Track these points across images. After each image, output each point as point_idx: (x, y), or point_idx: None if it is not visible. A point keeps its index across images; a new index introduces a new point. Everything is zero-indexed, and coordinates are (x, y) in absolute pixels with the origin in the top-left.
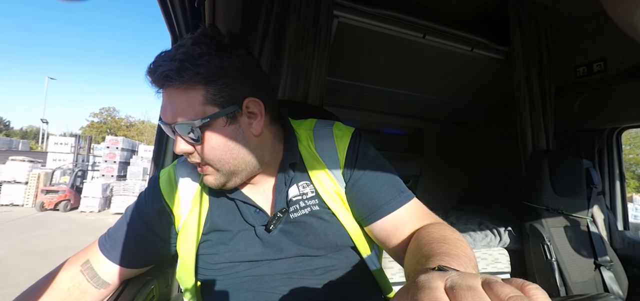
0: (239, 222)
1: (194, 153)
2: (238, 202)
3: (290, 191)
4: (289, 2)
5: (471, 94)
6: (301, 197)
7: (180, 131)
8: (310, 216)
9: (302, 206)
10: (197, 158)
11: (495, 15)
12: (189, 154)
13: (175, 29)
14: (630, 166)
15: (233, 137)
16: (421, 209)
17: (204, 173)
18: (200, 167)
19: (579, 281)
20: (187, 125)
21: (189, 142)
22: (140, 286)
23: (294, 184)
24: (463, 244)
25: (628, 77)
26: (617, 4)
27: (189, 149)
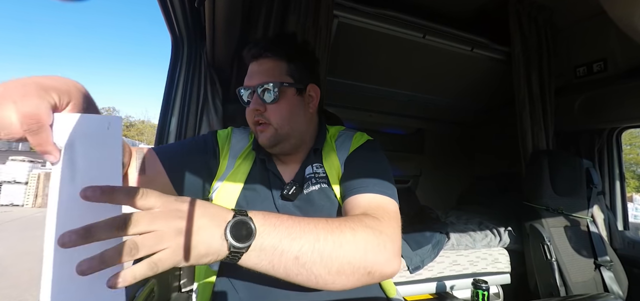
0: (266, 192)
1: (262, 112)
2: (271, 174)
3: (306, 169)
4: (289, 2)
5: (471, 94)
6: (314, 174)
7: (260, 91)
8: (319, 192)
9: (314, 182)
10: (262, 117)
11: (495, 15)
12: (258, 113)
13: (175, 29)
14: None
15: (296, 106)
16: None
17: (262, 131)
18: (261, 125)
19: (579, 281)
20: (270, 84)
21: (264, 102)
22: (140, 286)
23: (310, 164)
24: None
25: (628, 77)
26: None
27: (261, 107)
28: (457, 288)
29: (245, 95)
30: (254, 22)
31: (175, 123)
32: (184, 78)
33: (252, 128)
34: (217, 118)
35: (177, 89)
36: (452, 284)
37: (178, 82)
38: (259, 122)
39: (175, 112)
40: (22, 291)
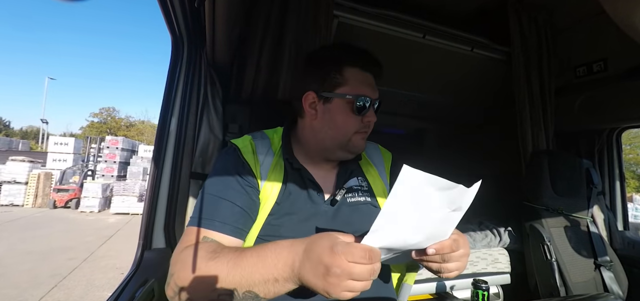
0: (304, 201)
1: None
2: (308, 182)
3: (350, 181)
4: (289, 2)
5: (471, 94)
6: (359, 187)
7: (376, 104)
8: (364, 204)
9: (359, 194)
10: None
11: (495, 15)
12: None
13: (175, 29)
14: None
15: None
16: None
17: (364, 139)
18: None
19: (579, 281)
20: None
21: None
22: (140, 286)
23: (354, 176)
24: None
25: (628, 77)
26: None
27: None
28: (457, 288)
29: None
30: (254, 22)
31: (175, 123)
32: (184, 78)
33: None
34: (217, 118)
35: (177, 89)
36: (452, 284)
37: (178, 82)
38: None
39: (175, 112)
40: (22, 291)
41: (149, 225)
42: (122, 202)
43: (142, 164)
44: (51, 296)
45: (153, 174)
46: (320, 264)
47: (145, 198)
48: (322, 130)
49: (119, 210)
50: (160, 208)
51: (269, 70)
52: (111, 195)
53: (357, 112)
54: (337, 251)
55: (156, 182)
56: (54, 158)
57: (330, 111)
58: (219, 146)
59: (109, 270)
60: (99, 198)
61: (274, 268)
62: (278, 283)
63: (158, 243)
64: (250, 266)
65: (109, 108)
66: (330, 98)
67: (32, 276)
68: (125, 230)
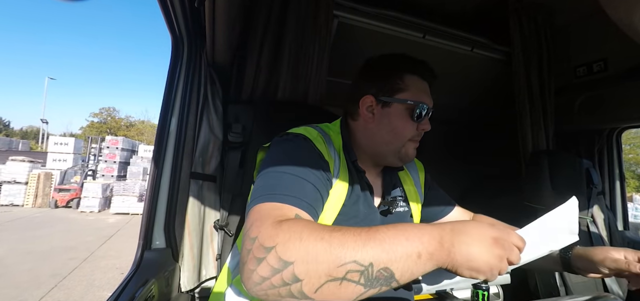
0: (365, 205)
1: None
2: (365, 185)
3: (395, 191)
4: (289, 2)
5: (471, 94)
6: (401, 197)
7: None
8: (403, 214)
9: (401, 205)
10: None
11: (495, 15)
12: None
13: (175, 29)
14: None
15: None
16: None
17: (416, 147)
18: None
19: (579, 282)
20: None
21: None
22: (140, 286)
23: (397, 187)
24: None
25: (628, 77)
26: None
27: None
28: (457, 288)
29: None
30: (254, 22)
31: (175, 123)
32: (184, 78)
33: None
34: (217, 118)
35: (177, 89)
36: None
37: (178, 82)
38: (418, 139)
39: (175, 112)
40: (22, 291)
41: (149, 225)
42: (122, 202)
43: (142, 164)
44: (51, 296)
45: (153, 174)
46: (487, 236)
47: (145, 198)
48: (378, 133)
49: (119, 210)
50: (160, 208)
51: (269, 70)
52: (111, 195)
53: (415, 119)
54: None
55: (156, 182)
56: (54, 158)
57: (389, 115)
58: (219, 146)
59: (109, 270)
60: (99, 198)
61: (419, 242)
62: (420, 259)
63: (158, 243)
64: (389, 239)
65: (109, 108)
66: (390, 103)
67: (32, 276)
68: (125, 230)
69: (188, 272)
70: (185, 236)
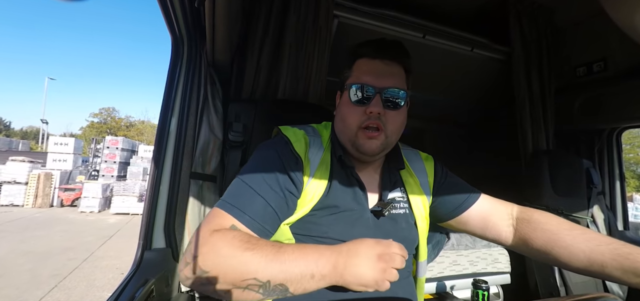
0: (351, 201)
1: (380, 115)
2: (354, 181)
3: (394, 191)
4: (289, 2)
5: (471, 94)
6: (401, 199)
7: (388, 94)
8: (402, 216)
9: (399, 207)
10: (377, 121)
11: (495, 15)
12: (376, 115)
13: (175, 29)
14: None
15: (405, 117)
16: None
17: (372, 137)
18: (372, 130)
19: (579, 282)
20: (400, 92)
21: (386, 106)
22: (140, 286)
23: (398, 187)
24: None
25: (628, 77)
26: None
27: (382, 111)
28: (457, 288)
29: (359, 94)
30: (254, 22)
31: (175, 123)
32: (184, 78)
33: (351, 130)
34: (217, 118)
35: (177, 89)
36: (452, 284)
37: (178, 82)
38: (371, 126)
39: (175, 112)
40: (22, 292)
41: (149, 225)
42: (122, 202)
43: (142, 164)
44: (51, 297)
45: (153, 174)
46: (372, 254)
47: (145, 198)
48: (337, 124)
49: (119, 210)
50: (160, 208)
51: (269, 70)
52: (111, 195)
53: (357, 103)
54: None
55: (156, 182)
56: (54, 158)
57: (340, 104)
58: (219, 146)
59: (109, 270)
60: (99, 199)
61: (314, 264)
62: (313, 279)
63: (158, 243)
64: (290, 261)
65: (109, 108)
66: (343, 92)
67: (32, 277)
68: (125, 230)
69: None
70: (185, 236)
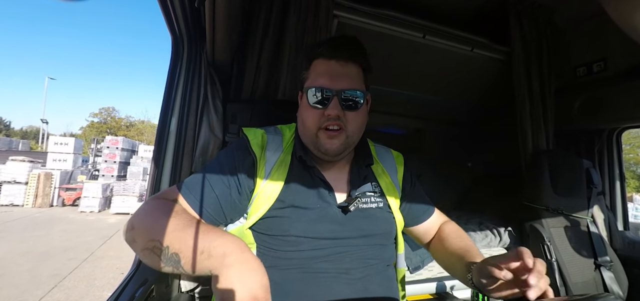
0: (314, 199)
1: (339, 117)
2: (317, 181)
3: (364, 186)
4: (289, 2)
5: (471, 94)
6: (373, 193)
7: (344, 96)
8: (376, 209)
9: (372, 200)
10: (337, 122)
11: (495, 15)
12: (335, 116)
13: (175, 29)
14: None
15: (364, 116)
16: (439, 213)
17: (333, 137)
18: (332, 131)
19: (579, 282)
20: (358, 92)
21: (344, 108)
22: (140, 286)
23: (368, 182)
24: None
25: (628, 77)
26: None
27: (340, 113)
28: (457, 288)
29: (317, 96)
30: (254, 22)
31: (175, 123)
32: (184, 78)
33: (311, 131)
34: (217, 118)
35: (177, 89)
36: (452, 284)
37: (178, 82)
38: (331, 127)
39: (175, 112)
40: (22, 291)
41: None
42: (122, 202)
43: (142, 164)
44: (51, 297)
45: (153, 174)
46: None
47: (145, 198)
48: (299, 127)
49: (119, 210)
50: None
51: (269, 70)
52: (111, 195)
53: (315, 105)
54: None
55: (156, 181)
56: (54, 158)
57: (300, 107)
58: (219, 146)
59: (109, 270)
60: (99, 198)
61: (208, 242)
62: (202, 255)
63: None
64: (192, 234)
65: (108, 108)
66: (302, 95)
67: (32, 277)
68: None
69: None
70: None
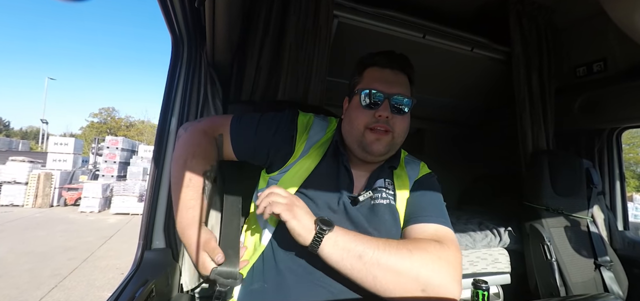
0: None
1: (388, 119)
2: (343, 169)
3: (378, 181)
4: (289, 2)
5: (471, 94)
6: (385, 188)
7: (395, 100)
8: (386, 207)
9: (383, 197)
10: (385, 124)
11: (495, 15)
12: (384, 118)
13: (175, 29)
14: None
15: (409, 121)
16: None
17: (381, 138)
18: (380, 133)
19: (579, 281)
20: (406, 98)
21: (393, 112)
22: (140, 286)
23: (383, 178)
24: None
25: (628, 77)
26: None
27: (390, 115)
28: None
29: (369, 98)
30: (254, 22)
31: (175, 123)
32: (184, 78)
33: (359, 130)
34: None
35: (177, 89)
36: None
37: (178, 82)
38: (379, 128)
39: (175, 112)
40: (22, 291)
41: (149, 225)
42: (122, 202)
43: (142, 164)
44: (51, 297)
45: (153, 174)
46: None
47: (145, 198)
48: (345, 126)
49: (119, 210)
50: (160, 208)
51: (269, 70)
52: (111, 195)
53: (366, 107)
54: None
55: (156, 182)
56: (54, 158)
57: (350, 108)
58: None
59: (109, 270)
60: (99, 198)
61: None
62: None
63: (158, 244)
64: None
65: (108, 108)
66: (351, 97)
67: (32, 277)
68: (125, 230)
69: (188, 272)
70: None
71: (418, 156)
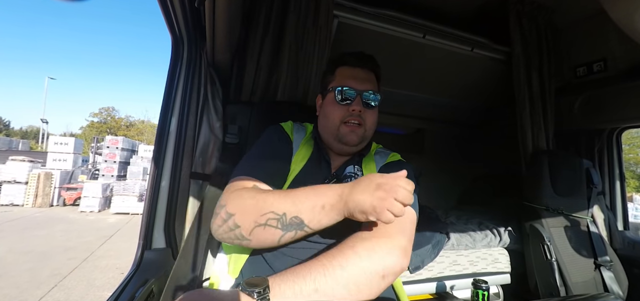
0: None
1: (360, 113)
2: (323, 161)
3: (347, 168)
4: (289, 2)
5: (471, 94)
6: (354, 174)
7: (366, 96)
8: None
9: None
10: (360, 118)
11: (495, 15)
12: (357, 112)
13: (175, 29)
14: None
15: (377, 114)
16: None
17: (354, 130)
18: (353, 126)
19: (579, 281)
20: (375, 94)
21: (364, 106)
22: (140, 286)
23: (353, 164)
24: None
25: (628, 77)
26: (617, 4)
27: (362, 109)
28: (457, 288)
29: (342, 94)
30: (254, 22)
31: (175, 123)
32: (184, 78)
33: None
34: (217, 118)
35: (177, 89)
36: (452, 284)
37: (178, 82)
38: (353, 121)
39: (175, 112)
40: (22, 291)
41: (149, 225)
42: (122, 201)
43: (142, 164)
44: (51, 296)
45: (153, 174)
46: (372, 183)
47: (145, 198)
48: (321, 122)
49: (119, 209)
50: (160, 208)
51: (269, 70)
52: (111, 194)
53: (340, 102)
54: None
55: (156, 182)
56: (54, 158)
57: (324, 105)
58: (219, 146)
59: (109, 270)
60: (99, 198)
61: (323, 196)
62: (324, 209)
63: (158, 243)
64: (301, 195)
65: (108, 108)
66: (325, 94)
67: (32, 276)
68: (125, 230)
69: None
70: (185, 236)
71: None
